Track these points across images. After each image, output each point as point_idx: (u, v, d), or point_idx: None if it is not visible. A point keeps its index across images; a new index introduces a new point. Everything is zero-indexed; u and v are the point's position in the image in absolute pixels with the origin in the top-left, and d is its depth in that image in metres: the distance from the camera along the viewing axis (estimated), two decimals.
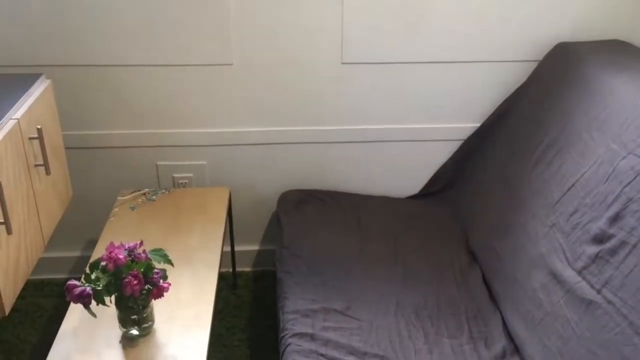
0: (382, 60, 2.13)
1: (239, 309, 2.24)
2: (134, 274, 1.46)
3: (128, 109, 2.15)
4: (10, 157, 1.53)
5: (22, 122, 1.60)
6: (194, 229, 1.98)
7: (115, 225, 1.97)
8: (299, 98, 2.18)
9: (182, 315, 1.65)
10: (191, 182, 2.27)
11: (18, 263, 1.57)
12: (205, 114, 2.18)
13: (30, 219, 1.64)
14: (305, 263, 1.93)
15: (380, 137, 2.26)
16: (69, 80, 2.07)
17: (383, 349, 1.65)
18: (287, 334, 1.68)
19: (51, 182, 1.78)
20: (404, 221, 2.17)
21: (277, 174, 2.29)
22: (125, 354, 1.53)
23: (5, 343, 2.06)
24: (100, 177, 2.23)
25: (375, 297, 1.83)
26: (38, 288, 2.28)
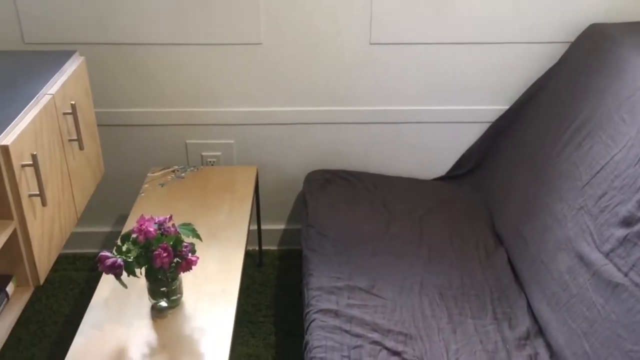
0: (411, 40, 2.12)
1: (264, 287, 2.27)
2: (163, 246, 1.50)
3: (158, 88, 2.18)
4: (46, 131, 1.58)
5: (57, 97, 1.64)
6: (221, 206, 2.01)
7: (145, 201, 2.01)
8: (326, 78, 2.18)
9: (210, 290, 1.68)
10: (219, 160, 2.30)
11: (52, 235, 1.62)
12: (234, 93, 2.20)
13: (64, 192, 1.68)
14: (331, 242, 1.95)
15: (407, 119, 2.26)
16: (101, 59, 2.10)
17: (406, 327, 1.67)
18: (312, 310, 1.70)
19: (84, 157, 1.82)
20: (430, 203, 2.17)
21: (304, 154, 2.31)
22: (154, 324, 1.57)
23: (39, 314, 2.13)
24: (131, 154, 2.28)
25: (399, 276, 1.85)
26: (70, 262, 2.34)
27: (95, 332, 1.54)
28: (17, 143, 1.44)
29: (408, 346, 1.61)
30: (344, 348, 1.58)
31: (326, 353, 1.56)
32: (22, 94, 1.58)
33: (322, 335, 1.62)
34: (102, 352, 1.49)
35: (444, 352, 1.61)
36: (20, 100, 1.55)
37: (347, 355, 1.56)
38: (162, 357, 1.49)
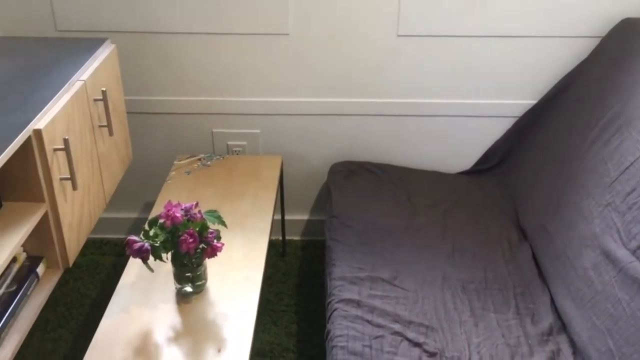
0: (439, 33, 2.12)
1: (287, 276, 2.29)
2: (189, 232, 1.52)
3: (187, 76, 2.20)
4: (77, 116, 1.61)
5: (88, 83, 1.67)
6: (246, 195, 2.03)
7: (171, 188, 2.04)
8: (353, 70, 2.19)
9: (234, 277, 1.71)
10: (245, 149, 2.32)
11: (82, 218, 1.65)
12: (261, 83, 2.22)
13: (94, 177, 1.72)
14: (354, 232, 1.96)
15: (433, 112, 2.25)
16: (132, 47, 2.13)
17: (428, 319, 1.67)
18: (334, 300, 1.72)
19: (114, 143, 1.85)
20: (454, 196, 2.16)
21: (329, 145, 2.32)
22: (179, 309, 1.60)
23: (67, 296, 2.17)
24: (158, 141, 2.31)
25: (422, 269, 1.85)
26: (97, 246, 2.39)
27: (121, 315, 1.57)
28: (50, 127, 1.47)
29: (429, 338, 1.62)
30: (365, 338, 1.59)
31: (348, 342, 1.57)
32: (55, 80, 1.61)
33: (344, 324, 1.63)
34: (128, 334, 1.52)
35: (465, 345, 1.61)
36: (53, 85, 1.58)
37: (368, 345, 1.57)
38: (186, 341, 1.51)
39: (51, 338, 2.02)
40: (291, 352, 1.99)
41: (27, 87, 1.58)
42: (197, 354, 1.48)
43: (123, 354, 1.47)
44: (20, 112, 1.47)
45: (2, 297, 1.45)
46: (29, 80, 1.63)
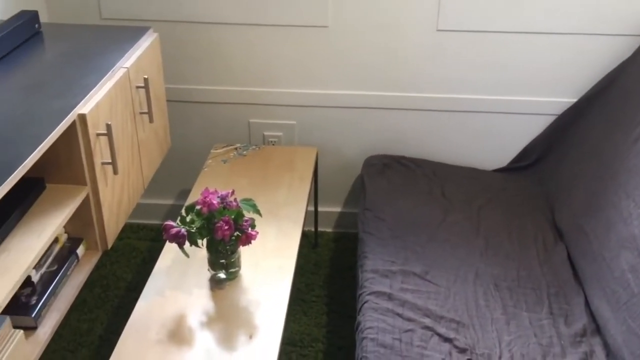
0: (479, 28, 2.10)
1: (318, 267, 2.31)
2: (225, 219, 1.54)
3: (225, 66, 2.23)
4: (120, 102, 1.64)
5: (131, 71, 1.70)
6: (281, 185, 2.05)
7: (207, 176, 2.07)
8: (391, 63, 2.18)
9: (267, 265, 1.73)
10: (280, 140, 2.34)
11: (121, 202, 1.69)
12: (298, 74, 2.23)
13: (134, 162, 1.75)
14: (387, 226, 1.97)
15: (471, 107, 2.23)
16: (173, 35, 2.17)
17: (459, 315, 1.67)
18: (365, 292, 1.72)
19: (153, 130, 1.89)
20: (489, 193, 2.15)
21: (364, 138, 2.32)
22: (212, 294, 1.63)
23: (104, 278, 2.23)
24: (196, 130, 2.34)
25: (454, 264, 1.84)
26: (134, 231, 2.44)
27: (157, 298, 1.60)
28: (94, 112, 1.50)
29: (460, 334, 1.61)
30: (395, 331, 1.60)
31: (378, 334, 1.58)
32: (99, 67, 1.65)
33: (375, 317, 1.63)
34: (162, 317, 1.55)
35: (496, 343, 1.60)
36: (98, 72, 1.62)
37: (398, 338, 1.58)
38: (218, 326, 1.54)
39: (87, 318, 2.07)
40: (320, 343, 2.01)
41: (72, 73, 1.62)
42: (229, 340, 1.50)
43: (157, 336, 1.50)
44: (66, 97, 1.51)
45: (44, 276, 1.49)
46: (74, 66, 1.67)
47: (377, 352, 1.54)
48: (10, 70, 1.64)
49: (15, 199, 1.39)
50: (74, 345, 1.97)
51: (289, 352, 1.96)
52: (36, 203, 1.48)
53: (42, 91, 1.54)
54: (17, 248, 1.35)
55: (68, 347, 1.97)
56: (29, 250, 1.35)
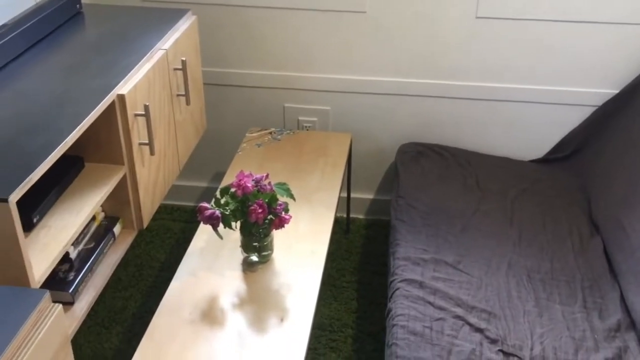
0: (520, 16, 2.06)
1: (349, 253, 2.31)
2: (259, 202, 1.55)
3: (262, 50, 2.23)
4: (158, 84, 1.66)
5: (170, 53, 1.72)
6: (314, 170, 2.05)
7: (242, 159, 2.08)
8: (428, 50, 2.16)
9: (299, 250, 1.73)
10: (315, 125, 2.34)
11: (157, 183, 1.72)
12: (335, 60, 2.22)
13: (170, 144, 1.77)
14: (420, 214, 1.95)
15: (509, 97, 2.20)
16: (210, 18, 2.17)
17: (491, 306, 1.66)
18: (397, 279, 1.72)
19: (190, 112, 1.90)
20: (524, 184, 2.12)
21: (398, 125, 2.30)
22: (244, 276, 1.64)
23: (138, 258, 2.26)
24: (231, 113, 2.35)
25: (487, 255, 1.83)
26: (168, 212, 2.47)
27: (190, 278, 1.63)
28: (133, 93, 1.52)
29: (491, 324, 1.60)
30: (426, 319, 1.59)
31: (408, 322, 1.58)
32: (138, 48, 1.67)
33: (406, 304, 1.63)
34: (195, 297, 1.57)
35: (528, 334, 1.59)
36: (137, 53, 1.64)
37: (429, 327, 1.57)
38: (250, 308, 1.55)
39: (122, 296, 2.11)
40: (350, 328, 2.01)
41: (112, 54, 1.65)
42: (260, 322, 1.52)
43: (190, 316, 1.52)
44: (106, 77, 1.53)
45: (81, 253, 1.52)
46: (114, 47, 1.69)
47: (407, 340, 1.53)
48: (51, 50, 1.67)
49: (56, 176, 1.42)
50: (109, 321, 2.02)
51: (319, 337, 1.97)
52: (75, 181, 1.51)
53: (82, 71, 1.57)
54: (56, 225, 1.38)
55: (102, 323, 2.01)
56: (68, 227, 1.38)
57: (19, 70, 1.56)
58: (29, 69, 1.57)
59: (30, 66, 1.58)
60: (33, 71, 1.56)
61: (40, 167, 1.22)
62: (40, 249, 1.31)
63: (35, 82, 1.52)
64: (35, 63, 1.60)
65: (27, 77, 1.53)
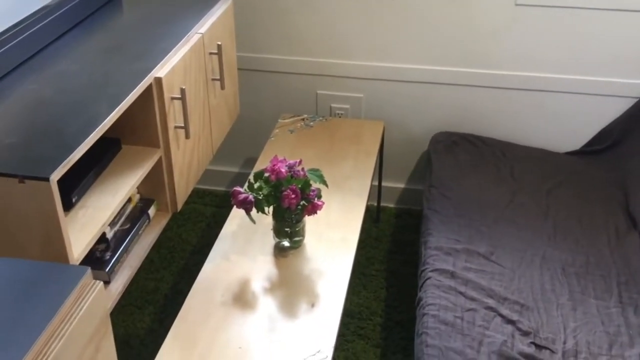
0: (561, 3, 2.02)
1: (379, 242, 2.30)
2: (292, 188, 1.55)
3: (295, 36, 2.22)
4: (194, 67, 1.67)
5: (206, 37, 1.72)
6: (346, 158, 2.04)
7: (274, 145, 2.09)
8: (465, 38, 2.13)
9: (330, 236, 1.73)
10: (347, 113, 2.33)
11: (191, 166, 1.73)
12: (368, 47, 2.20)
13: (204, 128, 1.78)
14: (452, 204, 1.94)
15: (546, 87, 2.16)
16: (245, 3, 2.17)
17: (524, 298, 1.64)
18: (428, 269, 1.71)
19: (224, 97, 1.91)
20: (560, 176, 2.08)
21: (432, 114, 2.28)
22: (276, 261, 1.65)
23: (170, 240, 2.29)
24: (264, 99, 2.35)
25: (520, 247, 1.81)
26: (200, 196, 2.49)
27: (222, 261, 1.64)
28: (169, 76, 1.53)
29: (524, 317, 1.58)
30: (457, 309, 1.58)
31: (439, 311, 1.57)
32: (175, 32, 1.68)
33: (437, 294, 1.62)
34: (228, 280, 1.59)
35: (561, 328, 1.57)
36: (173, 37, 1.65)
37: (460, 317, 1.56)
38: (281, 292, 1.56)
39: (154, 278, 2.14)
40: (378, 316, 2.01)
41: (149, 37, 1.66)
42: (291, 306, 1.53)
43: (222, 299, 1.53)
44: (143, 60, 1.54)
45: (117, 234, 1.55)
46: (151, 30, 1.70)
47: (437, 329, 1.53)
48: (91, 32, 1.69)
49: (94, 157, 1.44)
50: (141, 302, 2.05)
51: (347, 324, 1.97)
52: (112, 163, 1.53)
53: (120, 54, 1.58)
54: (94, 205, 1.40)
55: (135, 303, 2.04)
56: (105, 208, 1.40)
57: (60, 51, 1.58)
58: (69, 50, 1.59)
59: (70, 47, 1.61)
60: (73, 52, 1.58)
61: (79, 148, 1.24)
62: (79, 229, 1.33)
63: (75, 64, 1.54)
64: (75, 44, 1.62)
65: (68, 59, 1.55)
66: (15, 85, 1.44)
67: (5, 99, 1.39)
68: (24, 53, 1.52)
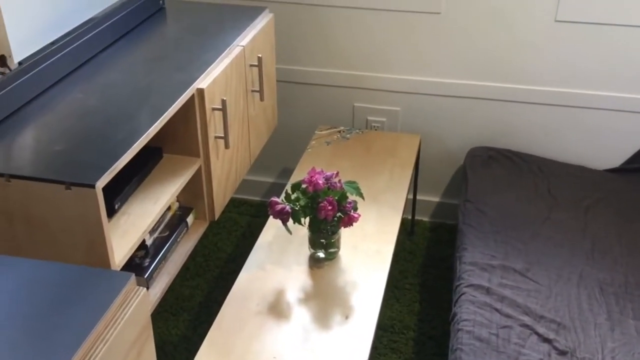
0: (602, 20, 2.00)
1: (413, 255, 2.30)
2: (329, 200, 1.56)
3: (334, 49, 2.24)
4: (234, 79, 1.70)
5: (247, 49, 1.75)
6: (382, 170, 2.05)
7: (311, 156, 2.10)
8: (503, 53, 2.12)
9: (365, 249, 1.74)
10: (383, 125, 2.34)
11: (229, 176, 1.75)
12: (406, 60, 2.21)
13: (243, 138, 1.81)
14: (488, 219, 1.93)
15: (585, 103, 2.14)
16: (285, 16, 2.20)
17: (560, 316, 1.62)
18: (463, 284, 1.70)
19: (262, 108, 1.94)
20: (599, 194, 2.06)
21: (468, 128, 2.27)
22: (311, 272, 1.66)
23: (206, 248, 2.32)
24: (301, 111, 2.38)
25: (557, 264, 1.78)
26: (235, 205, 2.52)
27: (258, 271, 1.66)
28: (211, 87, 1.56)
29: (560, 335, 1.56)
30: (492, 326, 1.57)
31: (474, 327, 1.56)
32: (217, 44, 1.71)
33: (472, 309, 1.61)
34: (263, 289, 1.60)
35: (598, 348, 1.54)
36: (216, 49, 1.68)
37: (495, 334, 1.55)
38: (315, 303, 1.57)
39: (189, 285, 2.17)
40: (411, 330, 2.00)
41: (193, 48, 1.69)
42: (325, 318, 1.53)
43: (257, 308, 1.55)
44: (187, 71, 1.58)
45: (156, 241, 1.58)
46: (194, 41, 1.74)
47: (472, 345, 1.52)
48: (136, 44, 1.73)
49: (136, 165, 1.47)
50: (176, 309, 2.08)
51: (380, 337, 1.97)
52: (154, 171, 1.57)
53: (165, 64, 1.62)
54: (135, 212, 1.44)
55: (171, 310, 2.07)
56: (146, 215, 1.43)
57: (106, 62, 1.63)
58: (115, 61, 1.64)
59: (116, 58, 1.65)
60: (119, 63, 1.63)
61: (124, 156, 1.28)
62: (121, 235, 1.36)
63: (121, 74, 1.58)
64: (121, 55, 1.67)
65: (114, 69, 1.60)
66: (64, 94, 1.48)
67: (54, 107, 1.44)
68: (71, 63, 1.57)
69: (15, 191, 1.22)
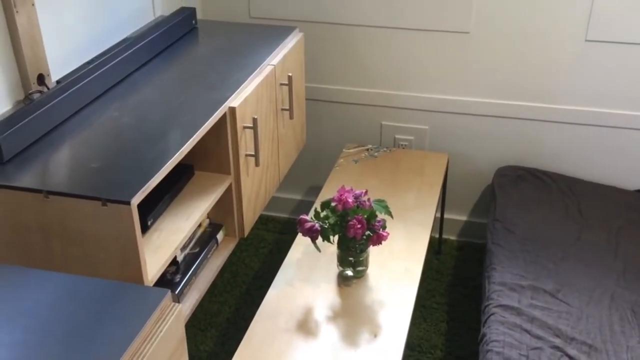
0: (631, 40, 1.99)
1: (440, 274, 2.29)
2: (358, 218, 1.57)
3: (363, 68, 2.26)
4: (265, 98, 1.72)
5: (277, 68, 1.78)
6: (410, 189, 2.05)
7: (339, 174, 2.12)
8: (533, 73, 2.12)
9: (393, 267, 1.74)
10: (411, 144, 2.34)
11: (258, 194, 1.77)
12: (434, 79, 2.22)
13: (272, 156, 1.83)
14: (517, 239, 1.91)
15: (616, 123, 2.12)
16: (313, 35, 2.23)
17: (592, 339, 1.60)
18: (492, 304, 1.69)
19: (292, 126, 1.96)
20: (631, 214, 2.03)
21: (497, 147, 2.27)
22: (339, 290, 1.66)
23: (233, 265, 2.34)
24: (329, 129, 2.39)
25: (589, 285, 1.76)
26: (263, 222, 2.53)
27: (286, 288, 1.66)
28: (243, 106, 1.59)
29: (592, 358, 1.54)
30: (522, 347, 1.55)
31: (504, 348, 1.55)
32: (249, 63, 1.74)
33: (501, 330, 1.60)
34: (291, 306, 1.61)
35: None
36: (247, 68, 1.71)
37: (525, 355, 1.53)
38: (344, 322, 1.57)
39: (217, 301, 2.18)
40: (439, 350, 1.99)
41: (225, 67, 1.72)
42: (353, 336, 1.53)
43: (286, 325, 1.56)
44: (219, 90, 1.60)
45: (187, 257, 1.60)
46: (226, 61, 1.77)
47: None
48: (170, 63, 1.77)
49: (169, 182, 1.50)
50: (205, 324, 2.09)
51: (407, 356, 1.96)
52: (185, 188, 1.59)
53: (197, 83, 1.65)
54: (167, 229, 1.46)
55: (199, 325, 2.09)
56: (178, 232, 1.45)
57: (141, 80, 1.67)
58: (149, 80, 1.67)
59: (150, 77, 1.69)
60: (152, 82, 1.66)
61: (158, 174, 1.30)
62: (153, 251, 1.38)
63: (154, 92, 1.61)
64: (154, 74, 1.70)
65: (148, 87, 1.63)
66: (99, 112, 1.52)
67: (90, 125, 1.47)
68: (106, 82, 1.61)
69: (53, 207, 1.24)
